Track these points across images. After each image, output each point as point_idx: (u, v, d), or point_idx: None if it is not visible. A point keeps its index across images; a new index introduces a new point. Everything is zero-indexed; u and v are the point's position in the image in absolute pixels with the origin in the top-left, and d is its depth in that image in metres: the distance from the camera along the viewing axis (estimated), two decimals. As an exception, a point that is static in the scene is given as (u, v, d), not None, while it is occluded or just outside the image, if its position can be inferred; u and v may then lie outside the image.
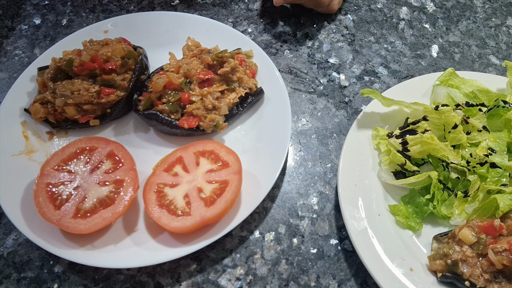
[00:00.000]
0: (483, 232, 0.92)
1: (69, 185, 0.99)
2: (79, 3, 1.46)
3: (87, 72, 1.10)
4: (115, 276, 0.99)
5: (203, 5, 1.46)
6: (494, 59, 1.38)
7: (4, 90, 1.25)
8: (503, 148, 1.05)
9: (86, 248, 0.96)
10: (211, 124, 1.09)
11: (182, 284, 0.99)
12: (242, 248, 1.03)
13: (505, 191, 0.97)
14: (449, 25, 1.45)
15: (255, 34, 1.39)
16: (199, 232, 0.98)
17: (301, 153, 1.18)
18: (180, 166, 1.04)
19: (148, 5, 1.46)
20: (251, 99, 1.16)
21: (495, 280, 0.89)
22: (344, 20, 1.44)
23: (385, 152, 1.07)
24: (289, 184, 1.13)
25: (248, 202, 1.02)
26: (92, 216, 0.95)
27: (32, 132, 1.14)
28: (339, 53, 1.37)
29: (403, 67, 1.34)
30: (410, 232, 1.01)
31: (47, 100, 1.11)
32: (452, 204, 1.01)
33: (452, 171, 1.03)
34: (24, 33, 1.40)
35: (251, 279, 1.00)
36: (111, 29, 1.30)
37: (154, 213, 0.96)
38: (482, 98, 1.13)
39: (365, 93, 1.11)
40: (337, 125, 1.22)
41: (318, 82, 1.30)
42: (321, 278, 1.00)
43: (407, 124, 1.08)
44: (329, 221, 1.07)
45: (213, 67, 1.14)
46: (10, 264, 1.01)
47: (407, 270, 0.93)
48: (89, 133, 1.15)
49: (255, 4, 1.46)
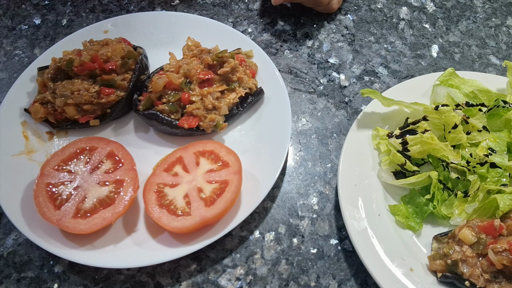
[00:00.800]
0: (483, 232, 0.92)
1: (69, 185, 0.99)
2: (79, 3, 1.46)
3: (87, 72, 1.10)
4: (115, 276, 0.99)
5: (203, 5, 1.46)
6: (494, 59, 1.38)
7: (4, 90, 1.25)
8: (503, 148, 1.05)
9: (86, 248, 0.96)
10: (211, 124, 1.09)
11: (182, 284, 0.99)
12: (242, 248, 1.03)
13: (505, 191, 0.97)
14: (449, 25, 1.45)
15: (255, 34, 1.39)
16: (199, 232, 0.98)
17: (301, 153, 1.18)
18: (180, 166, 1.04)
19: (148, 5, 1.46)
20: (251, 99, 1.16)
21: (495, 280, 0.89)
22: (344, 20, 1.44)
23: (385, 152, 1.07)
24: (289, 184, 1.13)
25: (248, 202, 1.02)
26: (92, 216, 0.95)
27: (32, 132, 1.14)
28: (339, 53, 1.37)
29: (403, 67, 1.34)
30: (410, 232, 1.01)
31: (47, 100, 1.11)
32: (452, 204, 1.01)
33: (452, 171, 1.03)
34: (24, 33, 1.40)
35: (251, 279, 1.00)
36: (111, 29, 1.30)
37: (154, 213, 0.96)
38: (482, 98, 1.13)
39: (365, 93, 1.11)
40: (337, 125, 1.22)
41: (318, 82, 1.30)
42: (321, 278, 1.00)
43: (407, 124, 1.08)
44: (329, 221, 1.07)
45: (213, 67, 1.14)
46: (10, 264, 1.01)
47: (407, 270, 0.93)
48: (89, 133, 1.15)
49: (255, 4, 1.46)
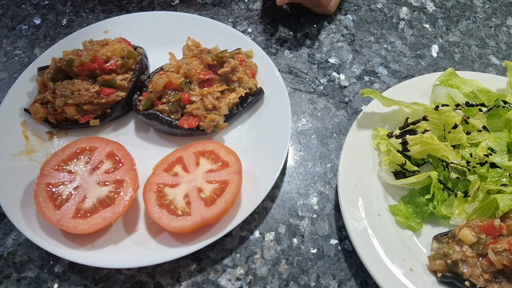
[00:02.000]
0: (483, 232, 0.92)
1: (69, 185, 0.99)
2: (79, 3, 1.46)
3: (87, 72, 1.10)
4: (115, 276, 0.99)
5: (203, 5, 1.46)
6: (494, 59, 1.37)
7: (4, 90, 1.25)
8: (503, 148, 1.05)
9: (86, 248, 0.96)
10: (211, 124, 1.09)
11: (182, 284, 0.99)
12: (242, 248, 1.03)
13: (505, 191, 0.97)
14: (449, 25, 1.45)
15: (255, 34, 1.39)
16: (199, 232, 0.98)
17: (301, 153, 1.18)
18: (180, 166, 1.04)
19: (148, 5, 1.46)
20: (251, 99, 1.16)
21: (495, 280, 0.89)
22: (344, 20, 1.44)
23: (385, 152, 1.07)
24: (289, 184, 1.13)
25: (248, 202, 1.02)
26: (92, 216, 0.95)
27: (32, 132, 1.14)
28: (339, 53, 1.37)
29: (403, 67, 1.34)
30: (410, 232, 1.01)
31: (47, 100, 1.11)
32: (452, 204, 1.01)
33: (452, 171, 1.03)
34: (24, 33, 1.40)
35: (251, 279, 1.00)
36: (111, 29, 1.30)
37: (154, 213, 0.96)
38: (482, 98, 1.13)
39: (365, 93, 1.11)
40: (337, 125, 1.22)
41: (318, 82, 1.30)
42: (321, 278, 1.00)
43: (407, 124, 1.08)
44: (329, 221, 1.07)
45: (213, 67, 1.14)
46: (10, 264, 1.01)
47: (407, 270, 0.93)
48: (89, 133, 1.15)
49: (255, 4, 1.46)
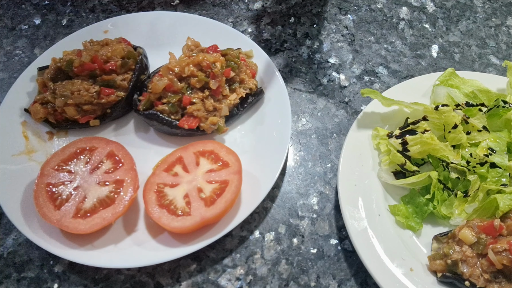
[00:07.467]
0: (483, 232, 0.92)
1: (69, 185, 0.99)
2: (79, 3, 1.46)
3: (87, 72, 1.10)
4: (115, 276, 0.99)
5: (203, 5, 1.46)
6: (494, 59, 1.37)
7: (4, 90, 1.25)
8: (503, 148, 1.05)
9: (86, 248, 0.96)
10: (212, 126, 1.09)
11: (182, 284, 0.99)
12: (242, 248, 1.03)
13: (505, 191, 0.97)
14: (449, 25, 1.45)
15: (255, 34, 1.39)
16: (199, 232, 0.98)
17: (301, 153, 1.18)
18: (180, 166, 1.04)
19: (148, 5, 1.46)
20: (251, 100, 1.16)
21: (495, 280, 0.89)
22: (344, 20, 1.44)
23: (385, 152, 1.07)
24: (289, 184, 1.13)
25: (248, 202, 1.02)
26: (92, 216, 0.95)
27: (32, 132, 1.14)
28: (339, 53, 1.37)
29: (403, 67, 1.34)
30: (410, 232, 1.01)
31: (47, 100, 1.11)
32: (452, 204, 1.01)
33: (452, 171, 1.03)
34: (24, 33, 1.40)
35: (251, 279, 1.00)
36: (111, 29, 1.30)
37: (154, 213, 0.96)
38: (482, 98, 1.13)
39: (365, 93, 1.11)
40: (337, 125, 1.22)
41: (318, 82, 1.30)
42: (321, 278, 1.00)
43: (407, 124, 1.08)
44: (329, 221, 1.07)
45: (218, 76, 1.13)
46: (10, 264, 1.01)
47: (407, 270, 0.93)
48: (89, 133, 1.15)
49: (255, 4, 1.46)
